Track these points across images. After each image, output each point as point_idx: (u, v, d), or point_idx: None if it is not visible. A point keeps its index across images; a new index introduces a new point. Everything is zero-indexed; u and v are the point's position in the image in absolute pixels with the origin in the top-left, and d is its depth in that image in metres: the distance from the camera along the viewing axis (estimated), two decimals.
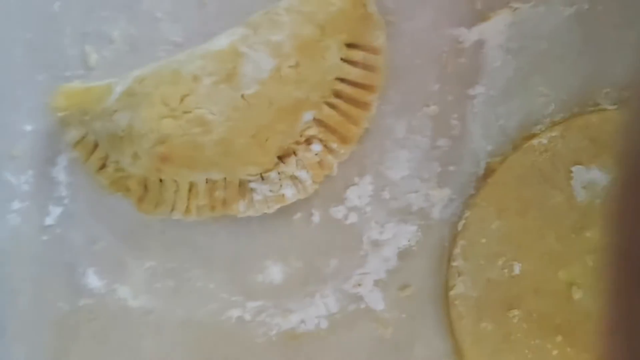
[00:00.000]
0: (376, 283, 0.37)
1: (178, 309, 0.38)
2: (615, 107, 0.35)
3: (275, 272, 0.38)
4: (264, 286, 0.38)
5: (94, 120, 0.34)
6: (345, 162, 0.36)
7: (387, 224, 0.37)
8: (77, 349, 0.38)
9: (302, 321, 0.38)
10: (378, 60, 0.35)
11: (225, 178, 0.35)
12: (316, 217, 0.37)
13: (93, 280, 0.38)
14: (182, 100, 0.32)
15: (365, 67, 0.35)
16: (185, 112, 0.32)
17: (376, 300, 0.37)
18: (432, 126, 0.36)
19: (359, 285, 0.37)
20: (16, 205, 0.38)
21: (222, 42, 0.32)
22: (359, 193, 0.37)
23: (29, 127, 0.38)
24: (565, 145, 0.35)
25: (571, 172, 0.35)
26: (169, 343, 0.38)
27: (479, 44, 0.36)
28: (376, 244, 0.37)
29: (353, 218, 0.37)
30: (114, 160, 0.35)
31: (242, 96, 0.32)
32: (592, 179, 0.34)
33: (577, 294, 0.35)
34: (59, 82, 0.37)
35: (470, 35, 0.36)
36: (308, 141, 0.35)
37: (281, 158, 0.35)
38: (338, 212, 0.37)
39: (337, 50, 0.33)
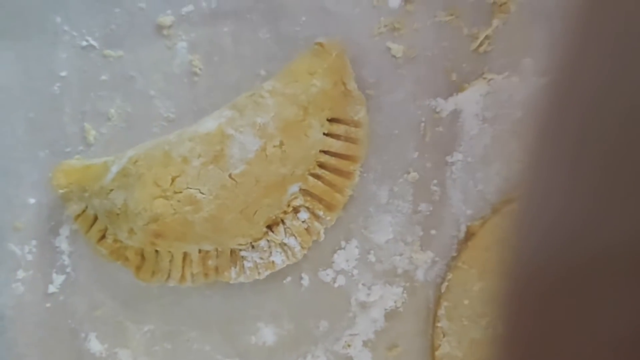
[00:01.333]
0: (365, 344, 0.39)
1: None
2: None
3: (267, 334, 0.39)
4: (258, 347, 0.39)
5: (92, 197, 0.36)
6: (332, 227, 0.38)
7: (374, 286, 0.38)
8: None
9: None
10: (359, 133, 0.37)
11: (216, 248, 0.36)
12: (306, 281, 0.39)
13: (95, 345, 0.40)
14: (173, 181, 0.34)
15: (348, 139, 0.37)
16: (176, 192, 0.34)
17: None
18: (413, 192, 0.38)
19: (349, 345, 0.39)
20: (20, 274, 0.40)
21: (209, 124, 0.34)
22: (346, 257, 0.38)
23: (32, 200, 0.40)
24: None
25: None
26: None
27: (456, 114, 0.37)
28: (364, 306, 0.39)
29: (341, 281, 0.38)
30: (112, 232, 0.37)
31: (230, 176, 0.34)
32: None
33: None
34: (59, 157, 0.39)
35: (447, 106, 0.37)
36: (295, 210, 0.37)
37: (270, 227, 0.37)
38: (326, 275, 0.39)
39: (319, 127, 0.35)
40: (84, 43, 0.39)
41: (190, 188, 0.34)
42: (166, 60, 0.39)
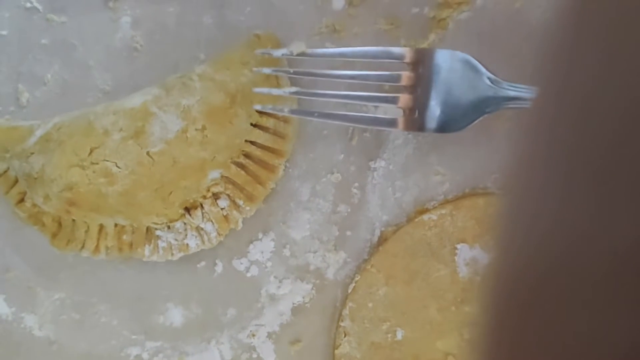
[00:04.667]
0: (269, 335, 0.39)
1: (81, 342, 0.40)
2: (500, 192, 0.37)
3: (176, 316, 0.39)
4: (164, 328, 0.39)
5: (13, 158, 0.36)
6: (251, 218, 0.38)
7: (285, 279, 0.39)
8: None
9: None
10: (287, 128, 0.37)
11: (132, 224, 0.37)
12: (219, 267, 0.39)
13: (2, 307, 0.40)
14: (91, 151, 0.34)
15: (275, 133, 0.37)
16: (92, 163, 0.34)
17: (268, 352, 0.39)
18: (334, 192, 0.38)
19: (253, 335, 0.39)
20: None
21: (135, 100, 0.35)
22: (262, 248, 0.39)
23: None
24: (453, 223, 0.37)
25: (456, 248, 0.37)
26: None
27: None
28: (273, 298, 0.39)
29: (254, 271, 0.39)
30: (31, 196, 0.37)
31: (148, 153, 0.34)
32: (475, 256, 0.37)
33: None
34: None
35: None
36: (216, 196, 0.37)
37: (188, 210, 0.37)
38: (240, 264, 0.39)
39: (246, 117, 0.36)
40: (28, 4, 0.39)
41: (107, 160, 0.34)
42: (109, 33, 0.39)
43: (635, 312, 0.13)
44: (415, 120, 0.34)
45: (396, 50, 0.34)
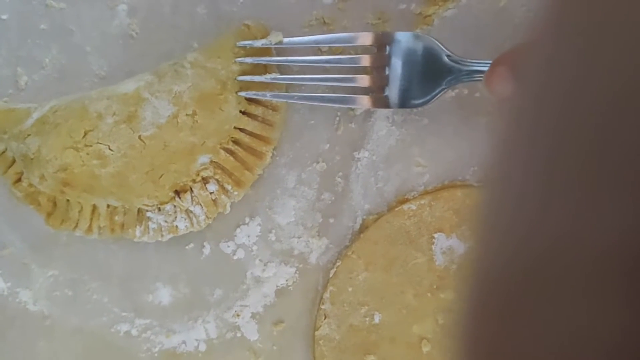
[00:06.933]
0: (253, 316, 0.41)
1: (73, 317, 0.41)
2: (479, 184, 0.39)
3: (164, 295, 0.41)
4: (153, 306, 0.41)
5: (10, 139, 0.38)
6: (238, 203, 0.40)
7: (270, 263, 0.40)
8: None
9: (183, 342, 0.41)
10: (275, 117, 0.39)
11: (124, 205, 0.38)
12: (207, 249, 0.41)
13: None
14: (85, 134, 0.35)
15: (264, 120, 0.38)
16: (86, 145, 0.35)
17: (251, 331, 0.41)
18: (319, 181, 0.40)
19: (238, 315, 0.41)
20: None
21: (129, 86, 0.36)
22: (248, 232, 0.40)
23: None
24: (431, 213, 0.39)
25: (433, 237, 0.39)
26: (61, 348, 0.41)
27: (369, 113, 0.40)
28: (258, 280, 0.41)
29: (240, 254, 0.41)
30: (27, 177, 0.39)
31: (139, 137, 0.35)
32: (451, 246, 0.38)
33: (426, 348, 0.38)
34: None
35: None
36: (205, 180, 0.39)
37: (178, 193, 0.38)
38: (227, 247, 0.41)
39: (236, 104, 0.37)
40: None
41: (100, 143, 0.35)
42: (105, 20, 0.40)
43: (620, 306, 0.13)
44: (382, 98, 0.37)
45: (361, 35, 0.36)
